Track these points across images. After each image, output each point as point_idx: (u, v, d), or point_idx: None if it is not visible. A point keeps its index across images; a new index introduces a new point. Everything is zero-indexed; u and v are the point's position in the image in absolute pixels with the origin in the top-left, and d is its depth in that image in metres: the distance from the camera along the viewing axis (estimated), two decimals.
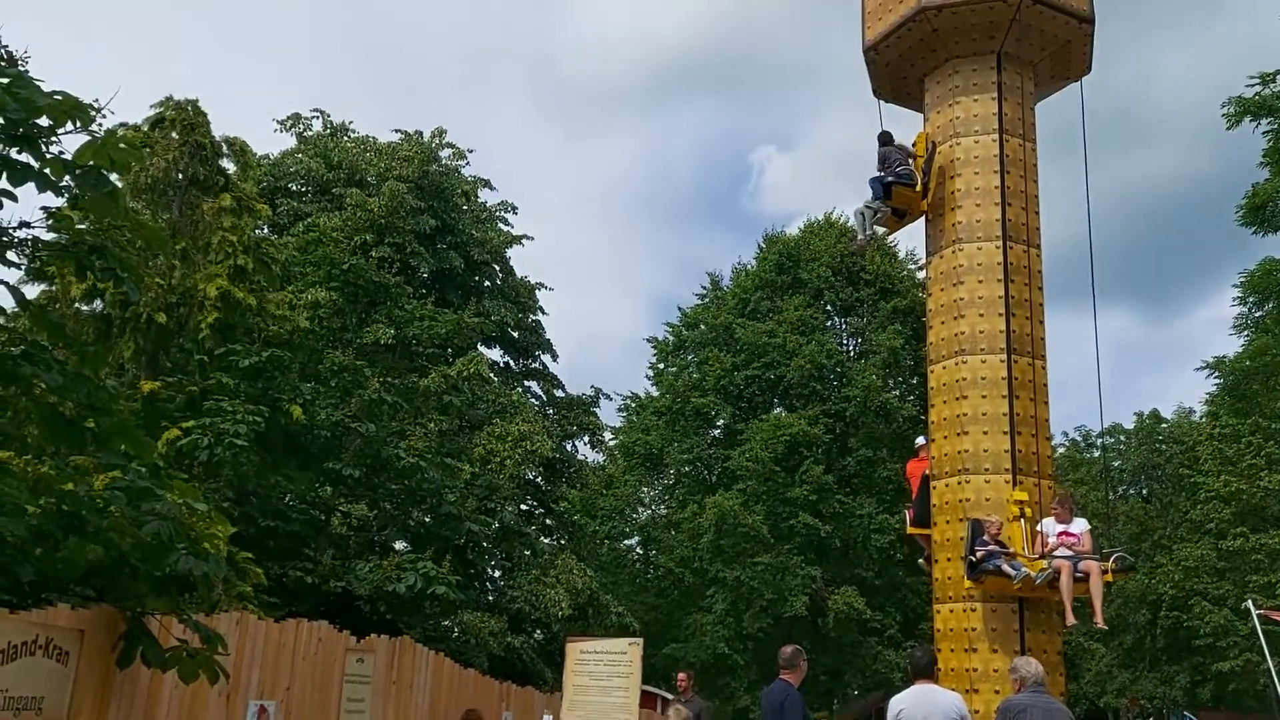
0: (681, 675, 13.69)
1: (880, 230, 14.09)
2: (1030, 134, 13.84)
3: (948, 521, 12.21)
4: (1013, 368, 12.49)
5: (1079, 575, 11.22)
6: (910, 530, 13.24)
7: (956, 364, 12.56)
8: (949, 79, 13.63)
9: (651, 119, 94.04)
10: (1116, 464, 43.29)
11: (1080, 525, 11.71)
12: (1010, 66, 13.66)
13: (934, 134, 13.62)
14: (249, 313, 15.14)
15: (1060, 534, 11.50)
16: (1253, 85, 24.95)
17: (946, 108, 13.55)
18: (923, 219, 13.81)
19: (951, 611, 12.22)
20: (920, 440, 14.03)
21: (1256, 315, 29.17)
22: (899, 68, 14.16)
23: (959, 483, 12.17)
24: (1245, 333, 29.91)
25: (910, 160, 13.46)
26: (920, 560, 14.11)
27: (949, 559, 12.10)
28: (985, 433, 12.21)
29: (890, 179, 13.11)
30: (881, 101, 15.14)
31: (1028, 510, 11.78)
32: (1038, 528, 11.63)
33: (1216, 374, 32.73)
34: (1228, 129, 25.45)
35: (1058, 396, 13.62)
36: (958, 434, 12.34)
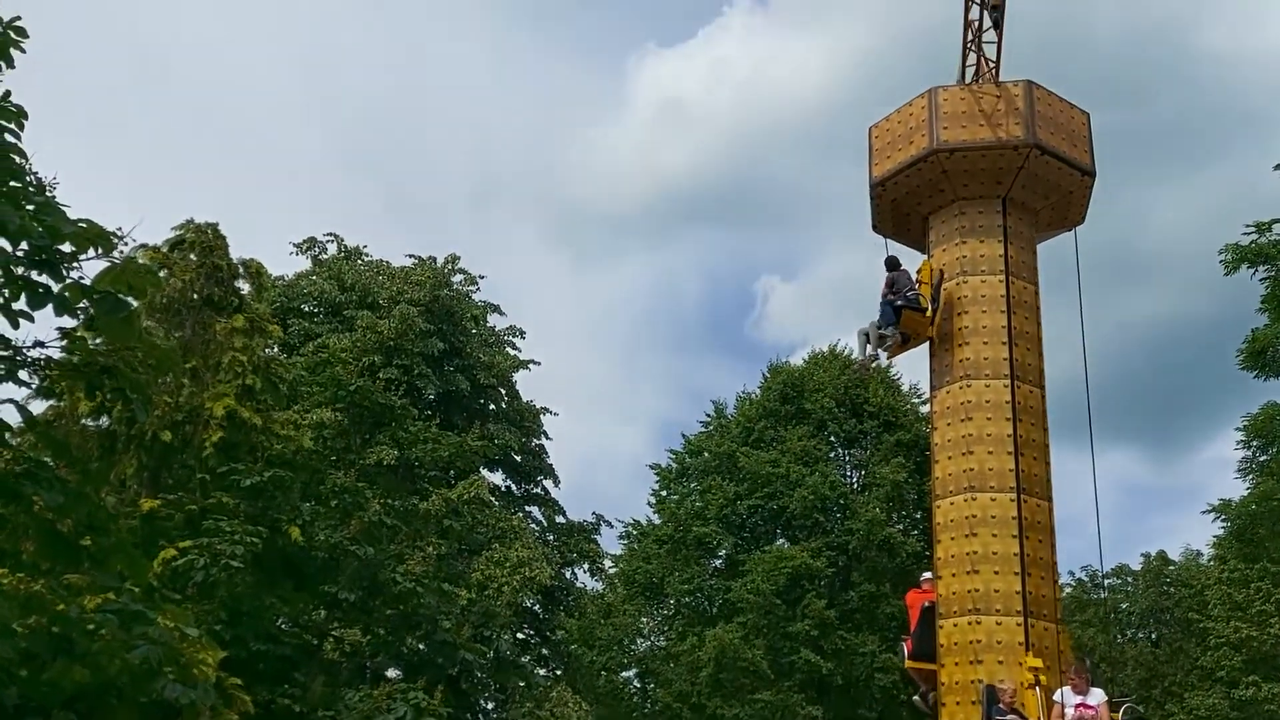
0: None
1: (883, 355, 14.23)
2: (1033, 277, 14.20)
3: (957, 663, 12.02)
4: (1022, 507, 12.51)
5: None
6: (909, 664, 13.02)
7: (966, 500, 12.56)
8: (955, 218, 14.04)
9: (658, 246, 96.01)
10: (1124, 606, 42.51)
11: (1097, 696, 11.48)
12: (1014, 211, 14.12)
13: (939, 268, 13.95)
14: (254, 431, 15.23)
15: (1078, 705, 11.27)
16: (1249, 234, 25.48)
17: (953, 246, 13.92)
18: (926, 351, 14.04)
19: None
20: (927, 575, 13.92)
21: (1261, 459, 29.11)
22: (904, 204, 14.60)
23: (970, 623, 12.03)
24: (1250, 476, 29.80)
25: (916, 286, 13.75)
26: (915, 697, 13.77)
27: (957, 703, 11.86)
28: (996, 572, 12.16)
29: (901, 303, 13.36)
30: (881, 236, 15.56)
31: (1042, 678, 11.58)
32: (1054, 697, 11.38)
33: (1223, 517, 32.46)
34: (1225, 274, 25.89)
35: (1063, 534, 13.61)
36: (968, 572, 12.26)
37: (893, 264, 14.18)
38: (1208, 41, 72.88)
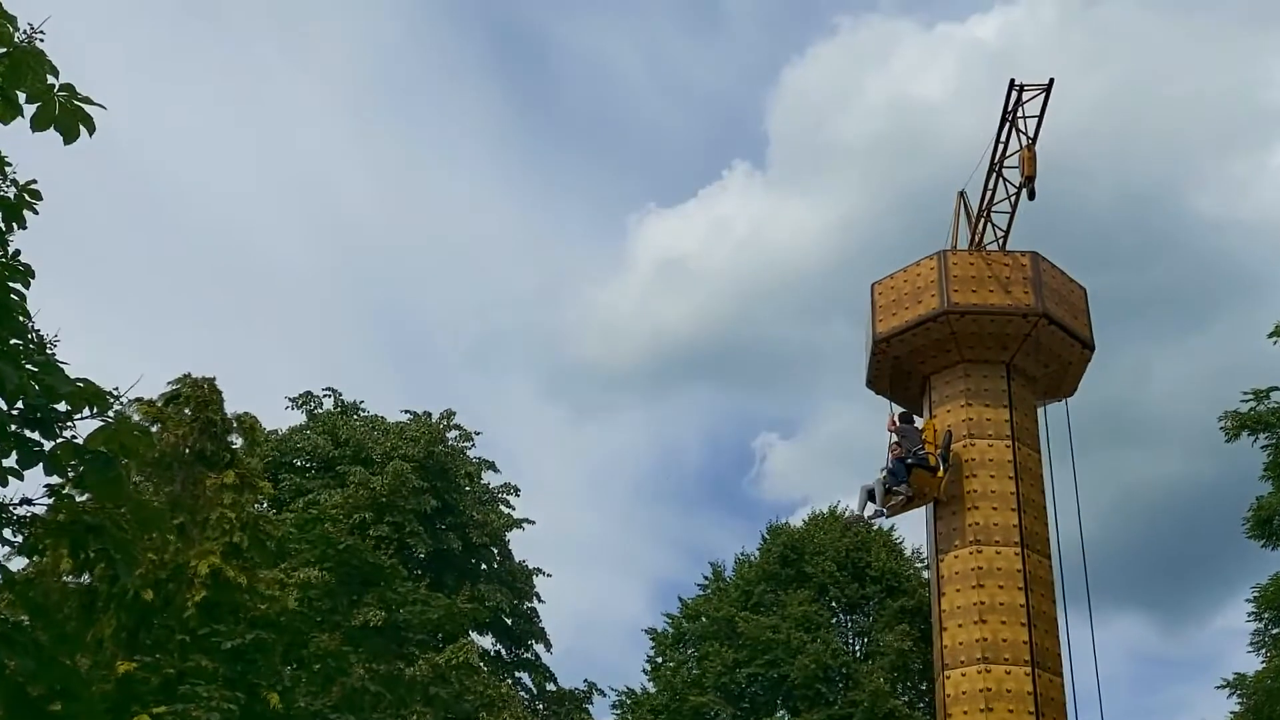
0: None
1: (885, 512, 13.95)
2: (1035, 444, 14.15)
3: None
4: (1037, 682, 12.10)
5: None
6: None
7: (980, 672, 12.12)
8: (959, 380, 14.07)
9: (656, 403, 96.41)
10: None
11: None
12: (1017, 377, 14.19)
13: (945, 428, 13.86)
14: (238, 591, 14.81)
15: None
16: (1247, 401, 25.57)
17: (959, 407, 13.89)
18: (922, 513, 13.80)
19: None
20: None
21: (1273, 632, 28.35)
22: (906, 362, 14.63)
23: None
24: (1264, 650, 28.96)
25: (923, 445, 13.63)
26: None
27: None
28: None
29: (911, 461, 13.20)
30: (874, 391, 15.55)
31: None
32: None
33: (1238, 692, 31.38)
34: (1226, 441, 25.83)
35: (1078, 708, 13.08)
36: None
37: (907, 419, 14.11)
38: (1199, 208, 75.32)
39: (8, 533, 6.76)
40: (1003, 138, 14.50)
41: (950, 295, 13.86)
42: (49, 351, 7.28)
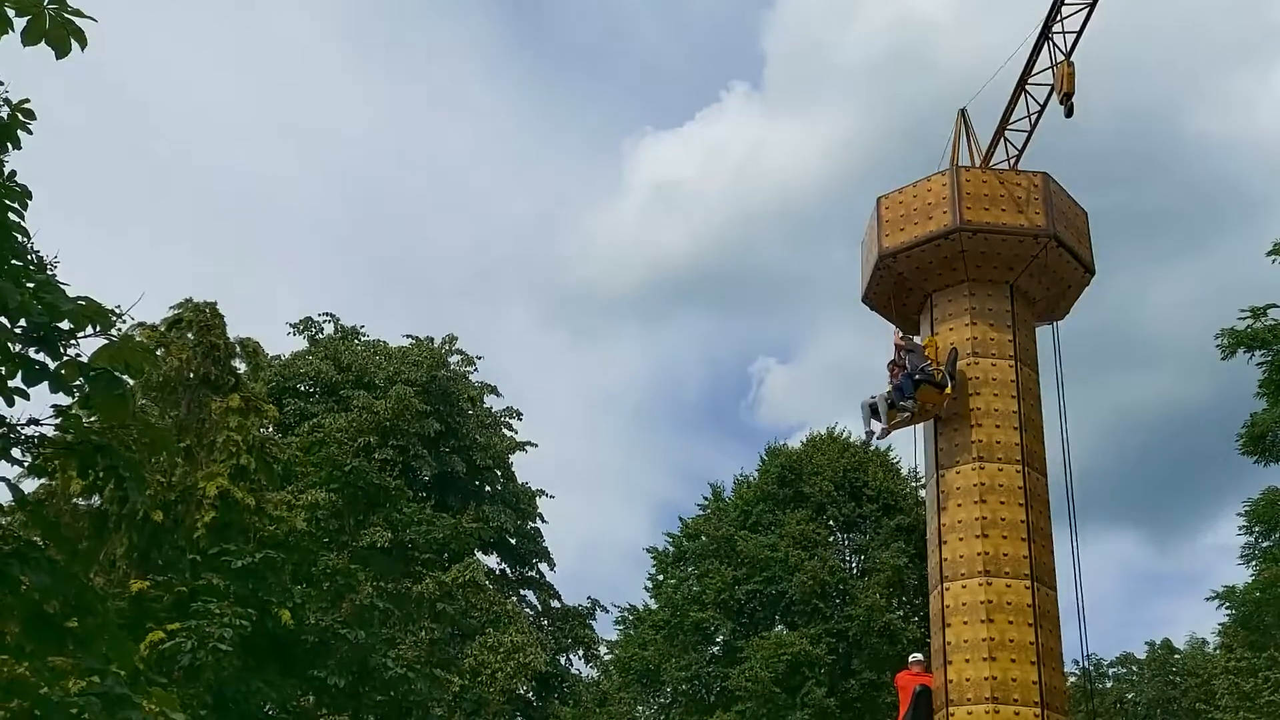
0: None
1: (880, 430, 13.99)
2: (1034, 365, 14.26)
3: None
4: (1036, 595, 12.39)
5: None
6: None
7: (982, 585, 12.36)
8: (964, 299, 14.06)
9: (654, 328, 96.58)
10: (1130, 696, 41.70)
11: None
12: (1019, 298, 14.23)
13: (948, 346, 13.89)
14: (247, 512, 15.09)
15: None
16: (1244, 318, 25.63)
17: (962, 325, 13.91)
18: (916, 432, 13.95)
19: None
20: (916, 655, 13.71)
21: (1263, 545, 28.81)
22: (911, 279, 14.56)
23: (988, 712, 11.77)
24: (1253, 563, 29.46)
25: (930, 362, 13.66)
26: None
27: None
28: (1013, 660, 11.96)
29: (919, 377, 13.26)
30: (867, 307, 15.57)
31: None
32: None
33: (1227, 604, 32.01)
34: (1222, 359, 25.96)
35: (1065, 623, 13.45)
36: (984, 659, 12.01)
37: (908, 340, 14.11)
38: (1200, 126, 74.32)
39: (16, 453, 6.89)
40: (1035, 52, 14.20)
41: (963, 212, 13.76)
42: (49, 272, 7.36)
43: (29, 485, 14.62)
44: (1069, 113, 14.00)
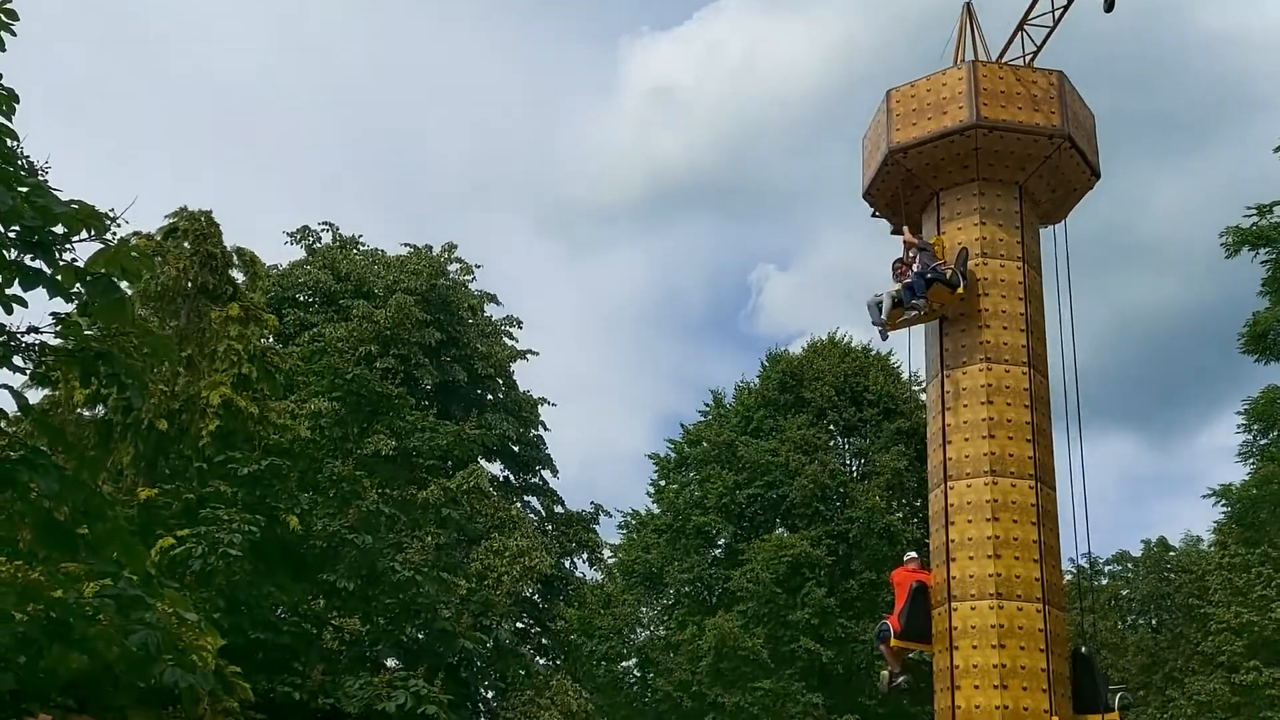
0: None
1: (881, 322, 13.83)
2: (1038, 267, 14.14)
3: (975, 647, 11.93)
4: (1040, 495, 12.50)
5: None
6: (895, 644, 12.90)
7: (987, 484, 12.44)
8: (973, 198, 13.85)
9: (652, 236, 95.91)
10: (1125, 593, 42.49)
11: None
12: (1026, 200, 14.04)
13: (957, 245, 13.73)
14: (250, 421, 15.15)
15: None
16: (1250, 216, 25.43)
17: (971, 225, 13.72)
18: (914, 335, 13.91)
19: None
20: (911, 554, 13.90)
21: (1261, 443, 29.07)
22: (920, 175, 14.28)
23: (991, 607, 11.96)
24: (1250, 460, 29.76)
25: (941, 262, 13.49)
26: (884, 673, 13.65)
27: (976, 686, 11.79)
28: (1017, 558, 12.14)
29: (931, 275, 13.13)
30: (867, 203, 15.35)
31: None
32: None
33: (1223, 502, 32.43)
34: (1226, 258, 25.85)
35: (1069, 523, 13.65)
36: (989, 556, 12.17)
37: (921, 237, 13.90)
38: (1207, 23, 72.60)
39: (18, 360, 6.85)
40: None
41: (980, 108, 13.40)
42: (40, 178, 7.22)
43: (33, 396, 14.68)
44: (1109, 7, 13.62)
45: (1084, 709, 12.22)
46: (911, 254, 13.68)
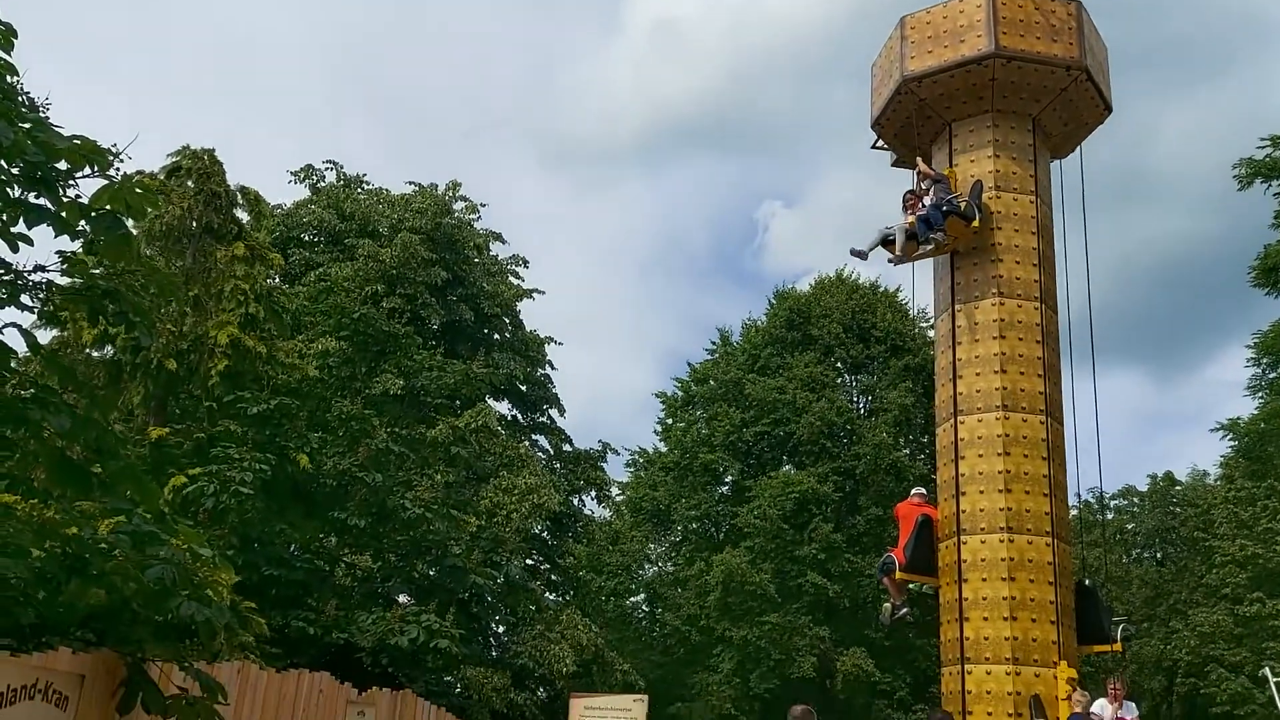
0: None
1: (889, 256, 13.71)
2: (1050, 200, 13.98)
3: (985, 579, 12.02)
4: (1050, 429, 12.51)
5: None
6: (900, 576, 13.01)
7: (999, 418, 12.43)
8: (987, 130, 13.66)
9: (656, 175, 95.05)
10: (1130, 527, 42.80)
11: (1131, 710, 11.66)
12: (1038, 132, 13.84)
13: (968, 178, 13.57)
14: (259, 361, 15.15)
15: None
16: (1263, 147, 25.09)
17: (985, 158, 13.55)
18: (942, 267, 13.75)
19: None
20: (919, 489, 13.96)
21: (1270, 377, 29.03)
22: (933, 106, 14.07)
23: (1002, 540, 12.02)
24: (1259, 394, 29.74)
25: (957, 195, 13.34)
26: (886, 605, 13.79)
27: (985, 618, 11.90)
28: (1027, 492, 12.18)
29: (947, 208, 12.99)
30: (875, 133, 15.17)
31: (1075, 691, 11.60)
32: (1094, 709, 11.43)
33: (1231, 436, 32.49)
34: (1239, 190, 25.57)
35: (1077, 458, 13.75)
36: (999, 490, 12.20)
37: (935, 169, 13.72)
38: None
39: (25, 299, 6.82)
40: None
41: (999, 38, 13.13)
42: (41, 114, 7.12)
43: (42, 337, 14.69)
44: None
45: (1088, 640, 12.35)
46: (925, 185, 13.50)
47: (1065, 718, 11.08)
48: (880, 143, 16.36)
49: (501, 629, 23.54)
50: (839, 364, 38.28)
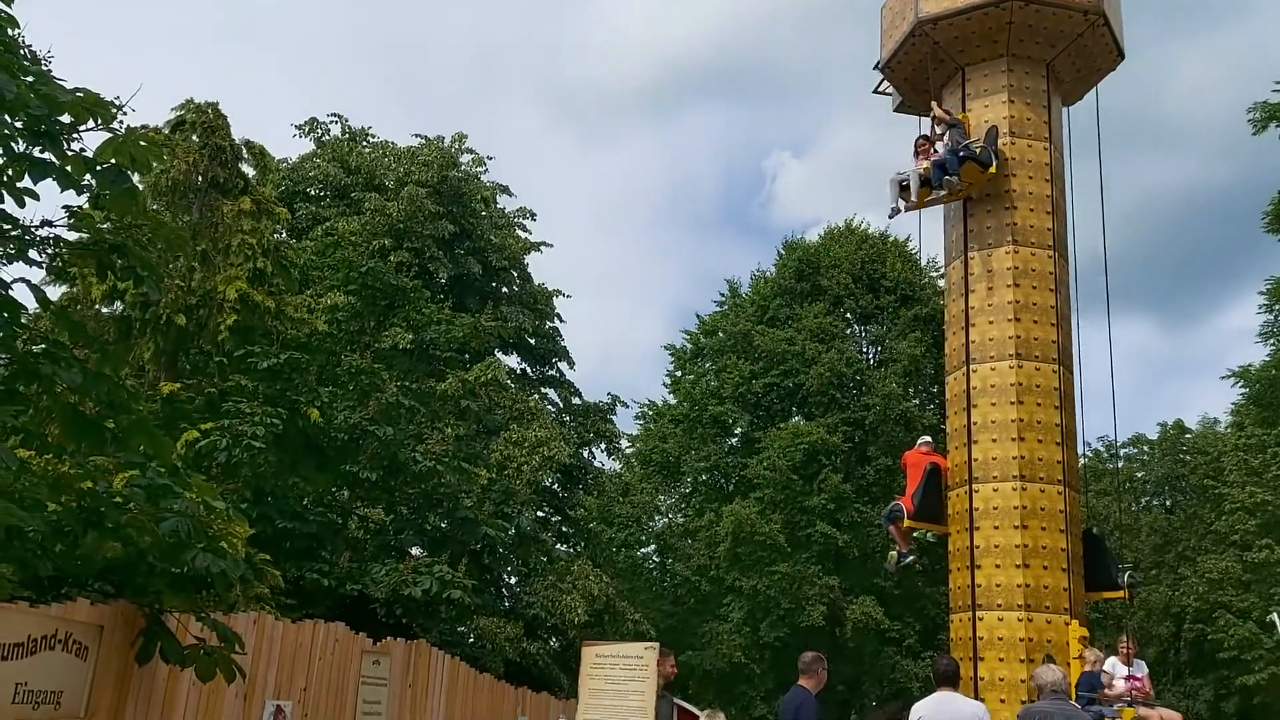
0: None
1: (903, 208, 13.57)
2: (1061, 147, 13.84)
3: (997, 527, 12.07)
4: (1061, 378, 12.49)
5: None
6: (909, 523, 13.08)
7: (1012, 366, 12.41)
8: (1001, 74, 13.50)
9: (663, 125, 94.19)
10: (1139, 475, 42.88)
11: (1142, 669, 11.77)
12: (1051, 77, 13.67)
13: (981, 123, 13.41)
14: (268, 315, 15.15)
15: (1128, 677, 11.51)
16: (1279, 91, 24.75)
17: (999, 104, 13.40)
18: (953, 214, 13.62)
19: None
20: (926, 438, 13.98)
21: None
22: (946, 50, 13.88)
23: (1014, 489, 12.05)
24: (1271, 341, 29.61)
25: (973, 139, 13.19)
26: (892, 553, 13.87)
27: (997, 565, 11.98)
28: (1040, 441, 12.20)
29: (963, 153, 12.85)
30: (883, 76, 15.00)
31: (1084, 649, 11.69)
32: (1105, 667, 11.52)
33: (1242, 383, 32.41)
34: (1254, 134, 25.26)
35: (1087, 407, 13.72)
36: (1013, 439, 12.21)
37: (950, 113, 13.57)
38: None
39: (33, 254, 6.81)
40: None
41: None
42: (43, 67, 7.06)
43: (52, 294, 14.68)
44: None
45: (1095, 587, 12.43)
46: (940, 130, 13.35)
47: (1077, 676, 11.17)
48: (885, 86, 16.16)
49: (513, 580, 23.75)
50: (848, 315, 38.19)
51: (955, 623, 12.33)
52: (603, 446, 31.11)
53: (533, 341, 29.74)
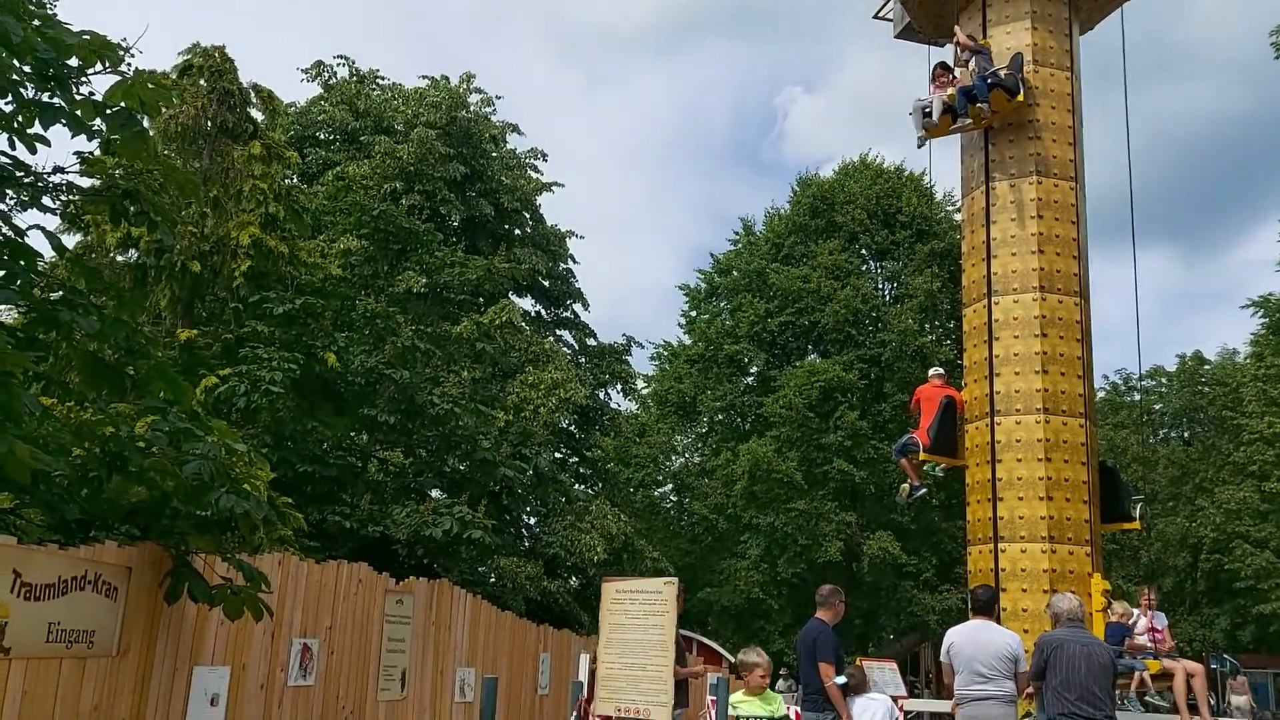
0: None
1: (931, 126, 13.31)
2: (1080, 76, 13.59)
3: (1020, 460, 12.07)
4: (1082, 311, 12.41)
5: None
6: (925, 456, 13.09)
7: (1036, 299, 12.31)
8: (1022, 1, 13.20)
9: (671, 63, 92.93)
10: (1157, 407, 42.77)
11: (1162, 620, 11.85)
12: (1072, 6, 13.38)
13: (1004, 50, 13.13)
14: (282, 261, 15.14)
15: (1149, 630, 11.60)
16: None
17: (1022, 30, 13.11)
18: (972, 143, 13.40)
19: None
20: (937, 369, 13.95)
21: None
22: None
23: (1038, 421, 12.03)
24: None
25: (998, 68, 12.91)
26: (904, 486, 13.89)
27: (1020, 498, 12.01)
28: (1063, 374, 12.15)
29: (991, 80, 12.61)
30: (900, 4, 14.72)
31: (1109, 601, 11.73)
32: (1129, 621, 11.61)
33: (1262, 313, 32.14)
34: (1277, 58, 24.73)
35: (1097, 340, 13.55)
36: (1036, 372, 12.16)
37: (975, 39, 13.27)
38: None
39: (46, 201, 6.79)
40: None
41: None
42: (49, 9, 6.97)
43: (67, 243, 14.68)
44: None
45: (1109, 518, 12.48)
46: (965, 56, 13.08)
47: (1102, 629, 11.23)
48: (886, 10, 15.85)
49: (533, 520, 23.97)
50: (864, 250, 37.95)
51: (974, 554, 12.39)
52: (619, 387, 31.17)
53: (546, 283, 29.66)
